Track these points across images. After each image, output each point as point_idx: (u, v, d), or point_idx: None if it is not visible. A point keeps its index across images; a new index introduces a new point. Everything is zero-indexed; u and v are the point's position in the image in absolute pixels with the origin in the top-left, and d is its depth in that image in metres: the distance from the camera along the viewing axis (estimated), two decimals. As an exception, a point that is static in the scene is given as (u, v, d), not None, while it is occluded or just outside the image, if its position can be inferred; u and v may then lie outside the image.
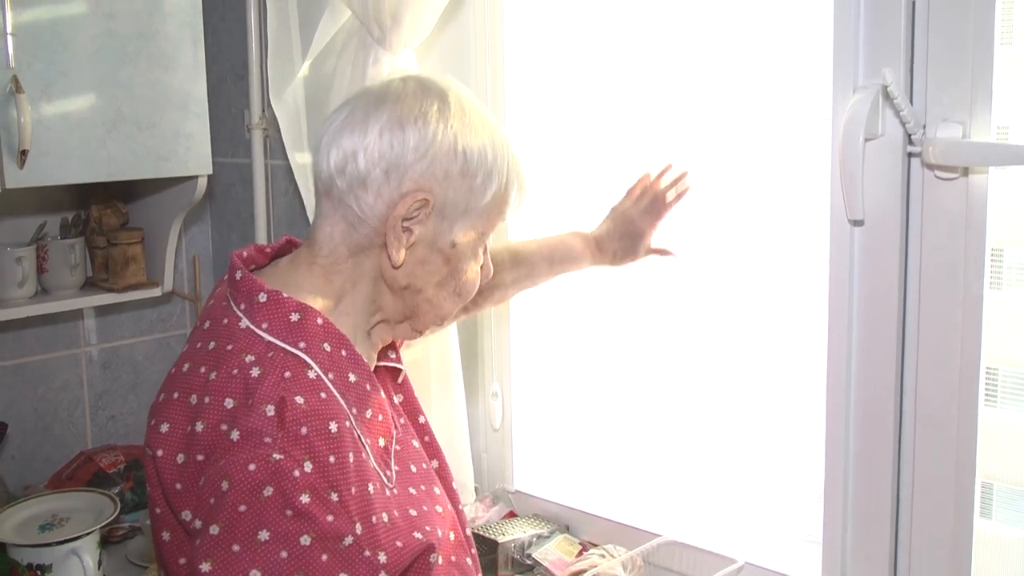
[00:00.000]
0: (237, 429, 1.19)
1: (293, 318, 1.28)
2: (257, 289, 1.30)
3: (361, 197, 1.30)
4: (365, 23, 1.95)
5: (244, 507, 1.16)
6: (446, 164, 1.30)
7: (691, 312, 1.95)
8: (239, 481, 1.16)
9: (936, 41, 1.43)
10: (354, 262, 1.35)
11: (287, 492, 1.17)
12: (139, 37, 2.18)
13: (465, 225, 1.35)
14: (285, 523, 1.17)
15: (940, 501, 1.51)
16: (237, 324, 1.29)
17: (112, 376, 2.71)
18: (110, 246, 2.43)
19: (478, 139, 1.33)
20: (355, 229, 1.33)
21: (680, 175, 1.86)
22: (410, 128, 1.29)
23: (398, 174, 1.29)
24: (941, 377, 1.50)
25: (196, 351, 1.30)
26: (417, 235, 1.32)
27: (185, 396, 1.26)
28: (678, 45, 1.88)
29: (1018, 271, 1.47)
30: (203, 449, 1.21)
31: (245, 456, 1.17)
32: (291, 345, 1.26)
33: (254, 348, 1.25)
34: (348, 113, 1.33)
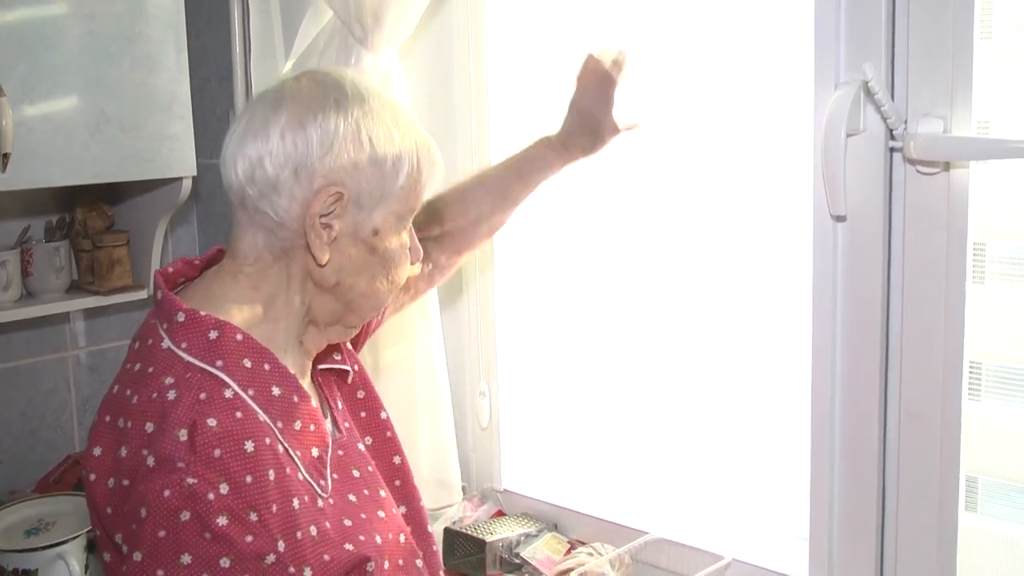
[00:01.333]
0: (152, 455, 1.20)
1: (211, 336, 1.28)
2: (176, 308, 1.29)
3: (275, 202, 1.30)
4: (347, 23, 1.95)
5: (163, 532, 1.17)
6: (353, 154, 1.30)
7: (677, 309, 1.95)
8: (156, 507, 1.17)
9: (916, 36, 1.44)
10: (279, 267, 1.34)
11: (203, 515, 1.18)
12: (122, 39, 2.17)
13: (384, 211, 1.34)
14: (205, 546, 1.17)
15: (925, 495, 1.52)
16: (160, 345, 1.29)
17: (100, 379, 2.70)
18: (95, 249, 2.42)
19: (381, 124, 1.32)
20: (275, 235, 1.32)
21: (619, 52, 1.78)
22: (311, 125, 1.29)
23: (307, 172, 1.28)
24: (925, 372, 1.50)
25: (126, 372, 1.31)
26: (338, 229, 1.32)
27: (115, 419, 1.27)
28: (660, 42, 1.88)
29: (1000, 265, 1.47)
30: (127, 474, 1.22)
31: (160, 482, 1.18)
32: (208, 364, 1.26)
33: (173, 370, 1.25)
34: (247, 121, 1.33)
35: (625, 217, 1.99)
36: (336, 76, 1.36)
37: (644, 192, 1.95)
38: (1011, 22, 1.41)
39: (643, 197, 1.96)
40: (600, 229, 2.04)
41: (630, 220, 1.98)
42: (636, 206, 1.97)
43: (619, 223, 2.00)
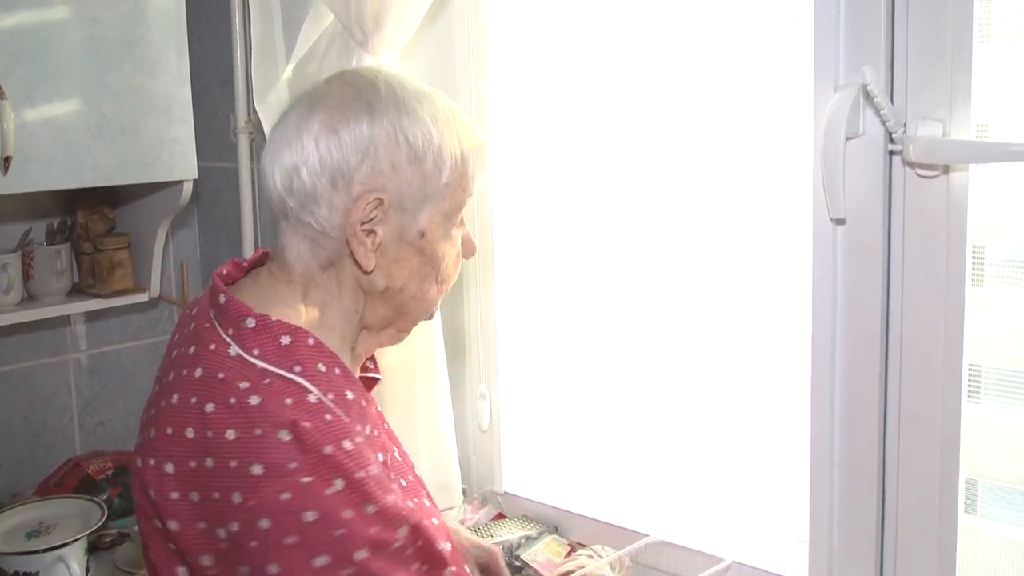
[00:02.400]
0: (258, 463, 1.14)
1: (284, 341, 1.24)
2: (244, 314, 1.25)
3: (316, 212, 1.26)
4: (347, 26, 1.95)
5: (292, 538, 1.13)
6: (391, 156, 1.26)
7: (677, 312, 1.95)
8: (278, 514, 1.13)
9: (915, 40, 1.44)
10: (329, 276, 1.31)
11: (329, 513, 1.15)
12: (123, 43, 2.18)
13: (430, 210, 1.30)
14: (337, 544, 1.15)
15: (925, 498, 1.52)
16: (226, 351, 1.23)
17: (100, 382, 2.71)
18: (96, 252, 2.43)
19: (418, 121, 1.28)
20: (319, 244, 1.29)
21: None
22: (344, 130, 1.25)
23: (344, 180, 1.25)
24: (925, 374, 1.50)
25: (183, 379, 1.23)
26: (382, 235, 1.28)
27: (180, 430, 1.19)
28: (661, 45, 1.89)
29: (999, 267, 1.47)
30: (218, 486, 1.15)
31: (275, 487, 1.14)
32: (286, 370, 1.21)
33: (248, 376, 1.20)
34: (281, 130, 1.30)
35: (626, 221, 1.99)
36: (369, 76, 1.32)
37: (645, 196, 1.95)
38: (1009, 26, 1.42)
39: (644, 201, 1.96)
40: (601, 232, 2.04)
41: (631, 224, 1.99)
42: (637, 210, 1.97)
43: (620, 226, 2.01)
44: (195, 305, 1.36)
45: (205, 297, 1.34)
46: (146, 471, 1.21)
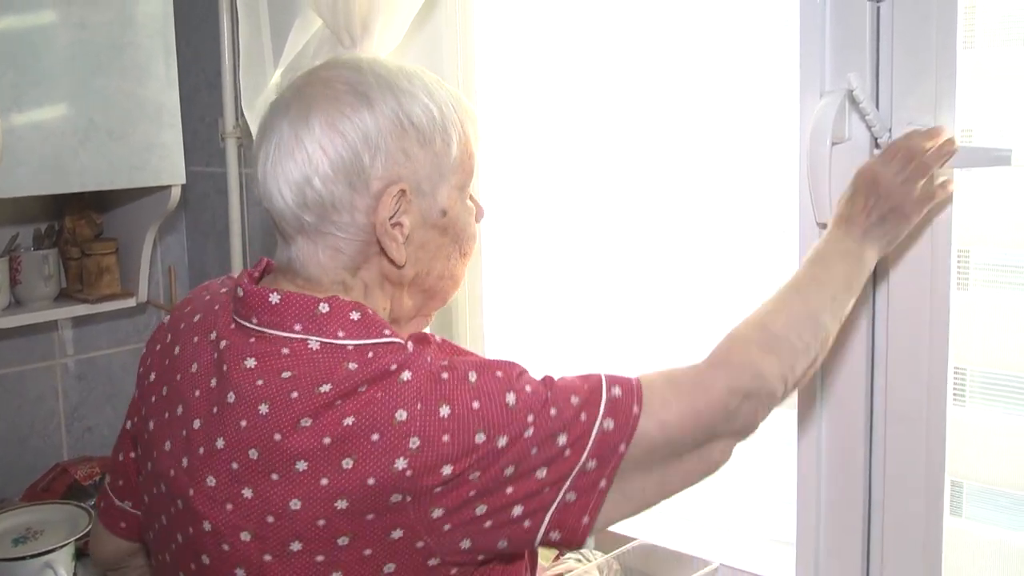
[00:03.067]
0: (407, 370, 1.15)
1: (354, 316, 1.20)
2: (312, 302, 1.20)
3: (337, 220, 1.22)
4: (335, 32, 1.96)
5: (477, 402, 1.15)
6: (401, 143, 1.22)
7: (663, 314, 1.96)
8: (451, 392, 1.15)
9: (900, 46, 1.45)
10: (357, 279, 1.27)
11: (480, 364, 1.19)
12: (111, 47, 2.18)
13: (446, 187, 1.28)
14: (506, 380, 1.19)
15: (911, 500, 1.53)
16: (305, 348, 1.18)
17: (88, 387, 2.70)
18: (84, 257, 2.43)
19: (415, 100, 1.24)
20: (342, 251, 1.24)
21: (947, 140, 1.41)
22: (347, 127, 1.20)
23: (362, 179, 1.20)
24: (910, 377, 1.51)
25: (260, 389, 1.17)
26: (409, 225, 1.25)
27: (292, 426, 1.14)
28: (648, 50, 1.89)
29: (984, 271, 1.48)
30: (375, 428, 1.13)
31: (427, 378, 1.15)
32: (378, 337, 1.19)
33: (349, 358, 1.17)
34: (275, 141, 1.24)
35: (613, 222, 2.00)
36: (351, 65, 1.27)
37: (632, 199, 1.96)
38: (993, 32, 1.43)
39: (631, 204, 1.96)
40: (589, 234, 2.05)
41: (618, 225, 1.99)
42: (624, 212, 1.98)
43: (607, 228, 2.01)
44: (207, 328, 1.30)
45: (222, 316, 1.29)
46: (266, 493, 1.16)
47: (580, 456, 1.18)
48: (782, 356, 1.30)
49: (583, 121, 2.02)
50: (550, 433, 1.17)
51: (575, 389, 1.21)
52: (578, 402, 1.20)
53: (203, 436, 1.21)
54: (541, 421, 1.17)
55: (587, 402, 1.20)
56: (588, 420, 1.19)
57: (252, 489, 1.16)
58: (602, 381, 1.24)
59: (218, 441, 1.19)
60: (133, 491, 1.46)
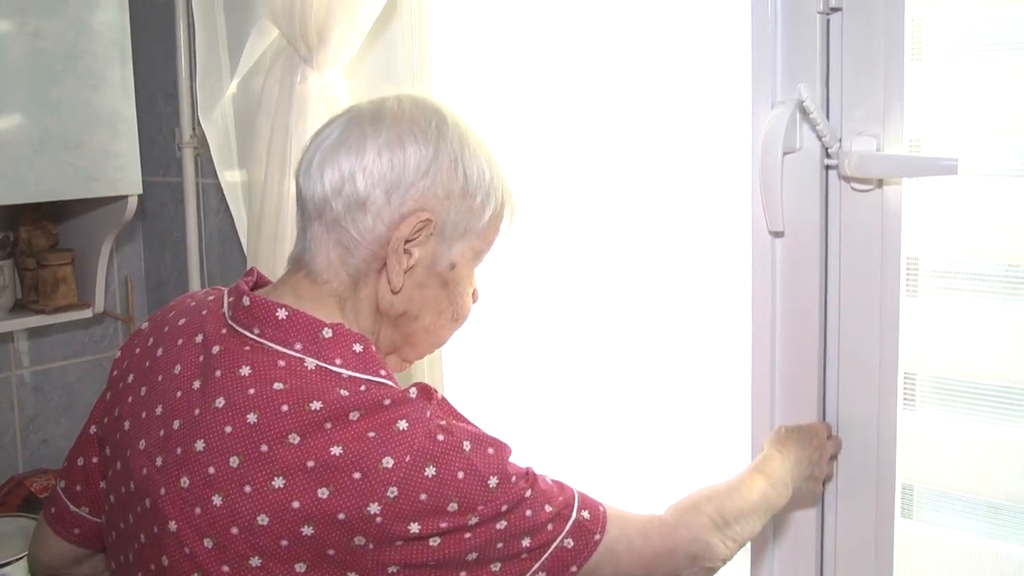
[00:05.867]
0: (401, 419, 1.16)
1: (357, 349, 1.23)
2: (317, 325, 1.23)
3: (359, 220, 1.26)
4: (292, 42, 1.96)
5: (461, 472, 1.17)
6: (448, 183, 1.27)
7: (621, 322, 1.97)
8: (441, 455, 1.16)
9: (850, 58, 1.47)
10: (353, 293, 1.30)
11: (475, 436, 1.21)
12: (67, 57, 2.17)
13: (464, 246, 1.32)
14: (494, 460, 1.21)
15: (863, 503, 1.55)
16: (301, 366, 1.21)
17: (44, 399, 2.68)
18: (40, 268, 2.42)
19: (477, 158, 1.30)
20: (351, 253, 1.28)
21: None
22: (411, 146, 1.26)
23: (400, 194, 1.25)
24: (861, 382, 1.53)
25: (252, 398, 1.19)
26: (416, 257, 1.28)
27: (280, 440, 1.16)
28: (603, 59, 1.91)
29: (933, 278, 1.50)
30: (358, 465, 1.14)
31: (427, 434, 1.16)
32: (374, 375, 1.21)
33: (343, 384, 1.19)
34: (341, 131, 1.29)
35: (570, 231, 2.01)
36: (437, 103, 1.33)
37: (588, 208, 1.97)
38: (940, 44, 1.45)
39: (587, 213, 1.98)
40: (546, 240, 2.06)
41: (575, 233, 2.01)
42: (580, 221, 1.99)
43: (565, 236, 2.02)
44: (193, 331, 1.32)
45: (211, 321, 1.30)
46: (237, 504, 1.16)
47: (534, 563, 1.22)
48: (727, 540, 1.40)
49: (538, 130, 2.03)
50: (518, 532, 1.20)
51: (551, 498, 1.25)
52: (550, 512, 1.24)
53: (182, 437, 1.22)
54: (514, 518, 1.20)
55: (558, 515, 1.24)
56: (553, 532, 1.23)
57: (223, 497, 1.17)
58: (575, 499, 1.28)
59: (198, 443, 1.20)
60: (93, 497, 1.46)
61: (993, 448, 1.45)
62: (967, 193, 1.43)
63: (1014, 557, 1.46)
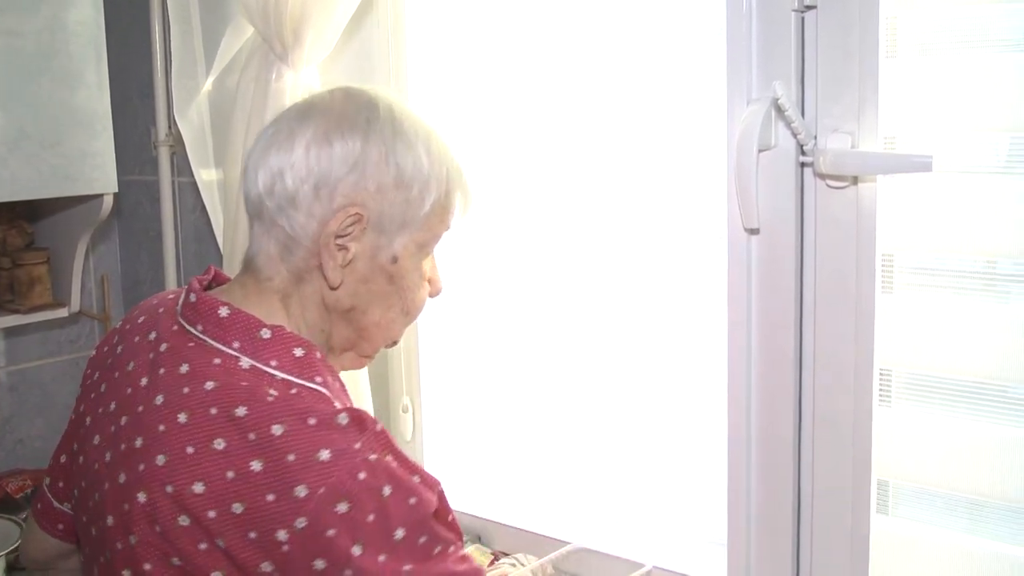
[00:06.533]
0: (323, 449, 1.13)
1: (297, 353, 1.23)
2: (256, 325, 1.23)
3: (292, 216, 1.25)
4: (267, 40, 1.96)
5: (372, 515, 1.13)
6: (379, 176, 1.26)
7: (596, 322, 1.97)
8: (357, 494, 1.13)
9: (824, 55, 1.48)
10: (298, 290, 1.29)
11: (401, 483, 1.17)
12: (42, 55, 2.16)
13: (405, 238, 1.30)
14: (412, 511, 1.17)
15: (839, 499, 1.55)
16: (236, 365, 1.21)
17: (20, 399, 2.67)
18: (15, 267, 2.40)
19: (412, 149, 1.28)
20: (290, 251, 1.28)
21: None
22: (337, 141, 1.25)
23: (328, 190, 1.24)
24: (837, 379, 1.54)
25: (187, 396, 1.19)
26: (354, 252, 1.27)
27: (205, 445, 1.16)
28: (579, 56, 1.91)
29: (908, 275, 1.51)
30: (273, 487, 1.13)
31: (347, 468, 1.13)
32: (308, 380, 1.21)
33: (273, 385, 1.19)
34: (273, 131, 1.29)
35: (546, 231, 2.02)
36: (371, 93, 1.32)
37: (564, 208, 1.98)
38: (915, 41, 1.46)
39: (563, 213, 1.98)
40: (522, 242, 2.06)
41: (551, 234, 2.01)
42: (557, 221, 2.00)
43: (541, 237, 2.03)
44: (148, 328, 1.33)
45: (165, 318, 1.32)
46: (159, 503, 1.17)
47: None
48: None
49: (514, 129, 2.03)
50: None
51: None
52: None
53: (126, 434, 1.23)
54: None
55: None
56: None
57: (147, 494, 1.17)
58: None
59: (137, 440, 1.21)
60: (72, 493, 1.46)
61: (969, 444, 1.45)
62: (942, 190, 1.44)
63: (990, 552, 1.46)
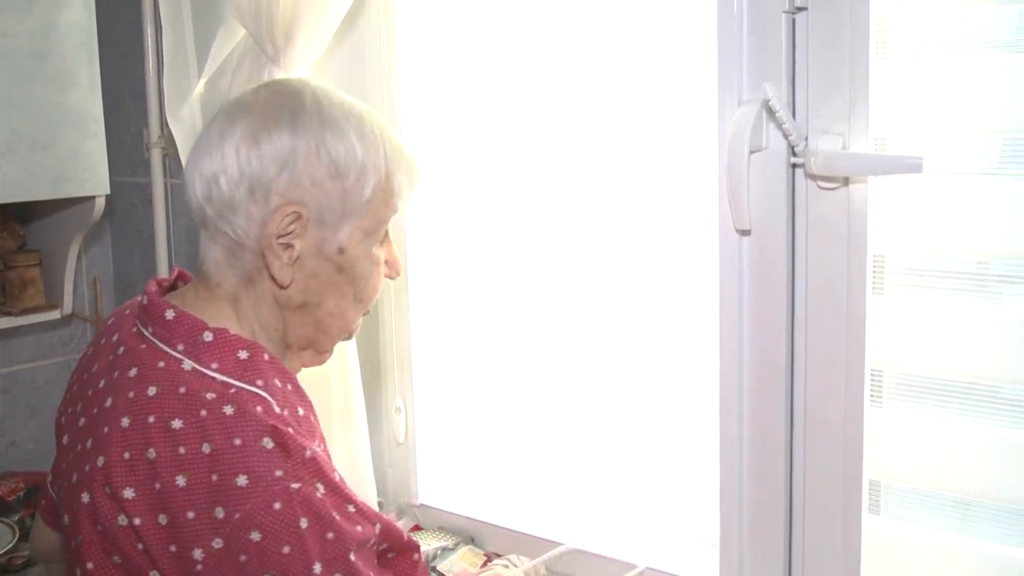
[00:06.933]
0: (242, 474, 1.13)
1: (241, 356, 1.23)
2: (199, 328, 1.23)
3: (233, 221, 1.25)
4: (259, 41, 1.95)
5: (287, 548, 1.12)
6: (312, 170, 1.24)
7: (588, 323, 1.97)
8: (271, 524, 1.12)
9: (815, 57, 1.48)
10: (249, 291, 1.29)
11: (320, 516, 1.15)
12: (34, 56, 2.16)
13: (350, 227, 1.29)
14: (330, 547, 1.14)
15: (830, 499, 1.56)
16: (179, 367, 1.21)
17: (12, 402, 2.66)
18: (7, 269, 2.40)
19: (342, 137, 1.26)
20: (237, 256, 1.27)
21: None
22: (265, 140, 1.23)
23: (262, 191, 1.23)
24: (828, 379, 1.54)
25: (131, 401, 1.20)
26: (299, 249, 1.26)
27: (140, 453, 1.16)
28: (571, 57, 1.91)
29: (899, 275, 1.51)
30: (193, 504, 1.13)
31: (264, 497, 1.12)
32: (248, 384, 1.21)
33: (212, 388, 1.19)
34: (206, 137, 1.27)
35: (539, 234, 2.02)
36: (297, 87, 1.30)
37: (556, 209, 1.98)
38: (906, 43, 1.46)
39: (556, 214, 1.98)
40: (514, 244, 2.06)
41: (544, 236, 2.01)
42: (549, 223, 2.00)
43: (533, 239, 2.03)
44: (113, 330, 1.34)
45: (128, 320, 1.32)
46: (99, 503, 1.18)
47: None
48: None
49: (506, 130, 2.03)
50: None
51: None
52: None
53: (83, 435, 1.25)
54: None
55: None
56: None
57: (89, 495, 1.18)
58: None
59: (88, 441, 1.22)
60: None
61: (960, 444, 1.45)
62: (933, 191, 1.44)
63: (982, 552, 1.46)
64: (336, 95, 1.32)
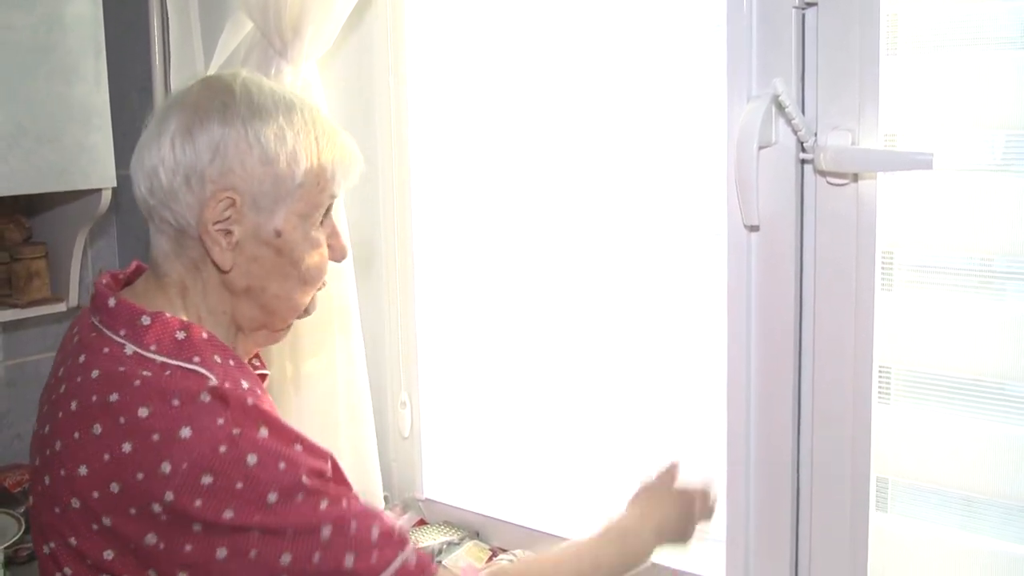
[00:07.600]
0: (184, 427, 1.17)
1: (179, 336, 1.27)
2: (138, 313, 1.28)
3: (174, 210, 1.29)
4: (267, 35, 1.95)
5: (240, 483, 1.17)
6: (242, 157, 1.28)
7: (595, 318, 1.97)
8: (220, 465, 1.16)
9: (825, 52, 1.47)
10: (194, 277, 1.34)
11: (269, 450, 1.19)
12: (39, 50, 2.15)
13: (285, 211, 1.32)
14: (283, 475, 1.19)
15: (838, 496, 1.55)
16: (121, 352, 1.26)
17: (18, 394, 2.66)
18: (13, 261, 2.39)
19: (271, 123, 1.30)
20: (181, 244, 1.32)
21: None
22: (197, 131, 1.28)
23: (198, 179, 1.28)
24: (836, 376, 1.54)
25: (79, 386, 1.26)
26: (238, 234, 1.31)
27: (87, 430, 1.21)
28: (579, 52, 1.91)
29: (908, 272, 1.51)
30: (141, 466, 1.17)
31: (208, 444, 1.16)
32: (185, 361, 1.25)
33: (149, 367, 1.23)
34: (146, 132, 1.34)
35: (545, 228, 2.01)
36: (227, 79, 1.35)
37: (563, 203, 1.98)
38: (916, 38, 1.46)
39: (562, 208, 1.98)
40: (521, 239, 2.06)
41: (550, 231, 2.01)
42: (556, 217, 1.99)
43: (539, 234, 2.02)
44: (75, 324, 1.39)
45: (86, 312, 1.37)
46: (57, 485, 1.23)
47: None
48: None
49: (513, 125, 2.03)
50: (307, 553, 1.21)
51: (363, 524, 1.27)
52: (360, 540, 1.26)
53: (44, 421, 1.30)
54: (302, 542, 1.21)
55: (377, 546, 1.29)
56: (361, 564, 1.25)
57: (50, 478, 1.24)
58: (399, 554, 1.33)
59: (47, 428, 1.28)
60: None
61: (967, 441, 1.45)
62: (942, 187, 1.44)
63: (988, 549, 1.46)
64: (267, 84, 1.36)
